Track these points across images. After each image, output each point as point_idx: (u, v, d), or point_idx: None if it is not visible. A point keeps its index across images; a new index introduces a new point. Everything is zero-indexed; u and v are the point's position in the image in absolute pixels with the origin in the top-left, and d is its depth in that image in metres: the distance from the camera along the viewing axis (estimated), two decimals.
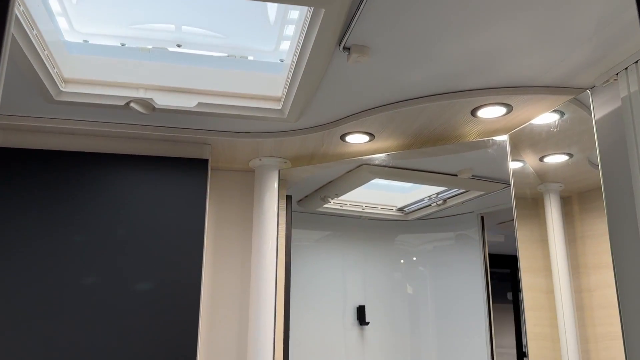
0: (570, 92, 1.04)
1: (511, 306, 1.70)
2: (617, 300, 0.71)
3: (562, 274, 1.25)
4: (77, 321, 1.11)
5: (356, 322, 1.64)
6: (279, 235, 1.34)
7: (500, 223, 1.57)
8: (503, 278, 1.66)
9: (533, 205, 1.26)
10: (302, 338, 1.55)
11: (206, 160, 1.23)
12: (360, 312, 1.64)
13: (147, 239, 1.17)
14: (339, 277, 1.67)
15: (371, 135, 1.20)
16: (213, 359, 1.32)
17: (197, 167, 1.22)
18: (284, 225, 1.38)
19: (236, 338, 1.35)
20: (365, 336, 1.64)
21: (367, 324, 1.63)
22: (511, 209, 1.23)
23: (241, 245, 1.40)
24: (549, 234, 1.24)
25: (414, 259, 1.75)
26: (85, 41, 1.02)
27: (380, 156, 1.29)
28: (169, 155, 1.22)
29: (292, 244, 1.41)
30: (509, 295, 1.69)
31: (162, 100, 1.05)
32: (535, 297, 1.27)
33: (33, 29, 0.86)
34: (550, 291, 1.29)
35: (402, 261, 1.76)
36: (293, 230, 1.42)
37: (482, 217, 1.58)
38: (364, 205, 1.66)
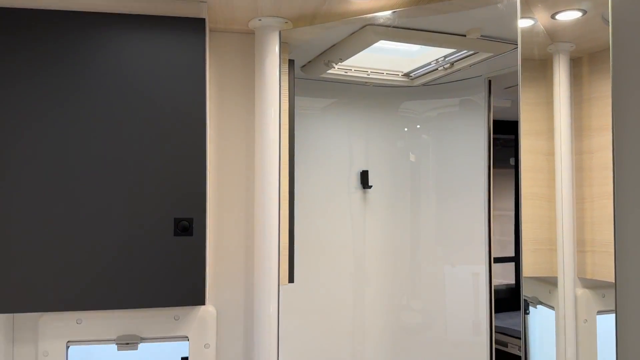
0: None
1: (513, 171, 1.71)
2: (612, 155, 0.71)
3: (565, 136, 1.24)
4: (77, 193, 1.15)
5: (360, 185, 1.68)
6: (282, 101, 1.33)
7: (508, 87, 1.54)
8: (507, 144, 1.66)
9: (541, 66, 1.22)
10: (308, 200, 1.61)
11: (203, 20, 1.19)
12: (364, 176, 1.68)
13: (146, 103, 1.17)
14: (344, 145, 1.69)
15: None
16: (221, 219, 1.39)
17: (194, 26, 1.18)
18: (287, 90, 1.37)
19: (244, 200, 1.41)
20: (368, 199, 1.70)
21: (370, 187, 1.68)
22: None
23: (245, 110, 1.40)
24: (555, 96, 1.22)
25: (418, 126, 1.75)
26: None
27: (385, 14, 1.23)
28: (164, 14, 1.18)
29: (298, 113, 1.41)
30: (512, 161, 1.71)
31: None
32: (534, 159, 1.28)
33: None
34: (550, 153, 1.29)
35: (405, 129, 1.76)
36: (298, 98, 1.41)
37: (489, 82, 1.54)
38: (369, 71, 1.62)
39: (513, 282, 1.70)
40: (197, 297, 1.17)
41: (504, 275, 1.69)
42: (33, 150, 1.12)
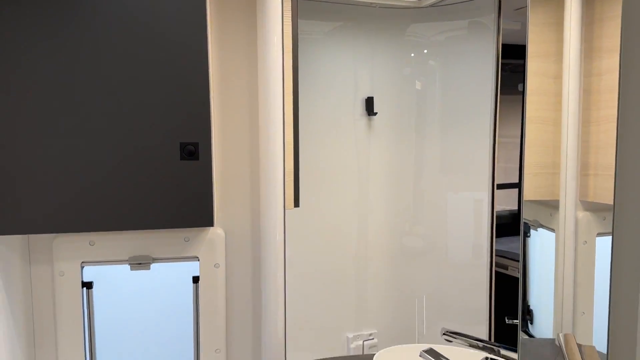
0: None
1: (520, 97, 1.69)
2: (619, 76, 0.70)
3: (574, 57, 1.22)
4: (88, 119, 1.15)
5: (364, 112, 1.68)
6: (284, 23, 1.30)
7: (518, 9, 1.50)
8: (515, 69, 1.63)
9: None
10: (313, 127, 1.61)
11: None
12: (369, 103, 1.67)
13: (149, 28, 1.15)
14: (349, 70, 1.67)
15: None
16: (227, 144, 1.40)
17: None
18: (290, 12, 1.34)
19: (249, 126, 1.41)
20: (373, 126, 1.70)
21: (375, 114, 1.67)
22: None
23: (247, 35, 1.38)
24: (565, 17, 1.19)
25: (425, 51, 1.72)
26: None
27: None
28: None
29: (301, 37, 1.38)
30: (520, 87, 1.68)
31: None
32: (541, 82, 1.26)
33: None
34: (558, 76, 1.27)
35: (412, 55, 1.72)
36: (301, 22, 1.38)
37: (499, 2, 1.50)
38: None
39: (515, 207, 1.72)
40: (205, 219, 1.20)
41: (507, 202, 1.72)
42: (45, 76, 1.12)
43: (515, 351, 1.12)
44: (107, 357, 1.39)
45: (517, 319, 1.19)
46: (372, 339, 1.75)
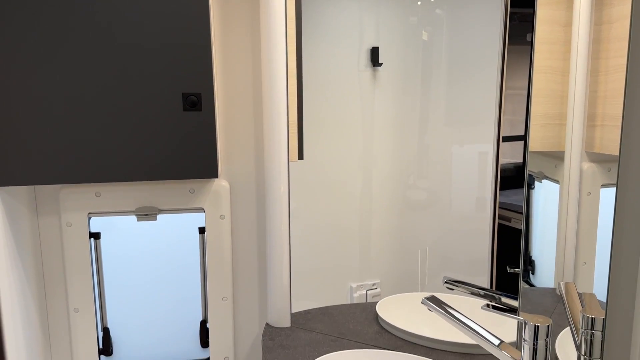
0: None
1: (529, 48, 1.66)
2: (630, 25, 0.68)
3: (584, 4, 1.19)
4: (92, 70, 1.14)
5: (369, 63, 1.65)
6: None
7: None
8: (524, 18, 1.59)
9: None
10: (316, 78, 1.59)
11: None
12: (374, 53, 1.64)
13: None
14: (354, 19, 1.63)
15: None
16: (229, 95, 1.39)
17: None
18: None
19: (251, 76, 1.39)
20: (378, 77, 1.68)
21: (380, 65, 1.65)
22: None
23: None
24: None
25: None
26: None
27: None
28: None
29: None
30: (528, 37, 1.64)
31: None
32: (550, 30, 1.23)
33: None
34: (568, 24, 1.24)
35: (419, 3, 1.68)
36: None
37: None
38: None
39: (520, 160, 1.72)
40: (209, 170, 1.20)
41: (513, 155, 1.71)
42: (47, 24, 1.10)
43: (516, 299, 1.14)
44: (116, 304, 1.43)
45: (518, 268, 1.21)
46: (375, 288, 1.79)
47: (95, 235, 1.37)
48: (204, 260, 1.44)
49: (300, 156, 1.42)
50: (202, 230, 1.42)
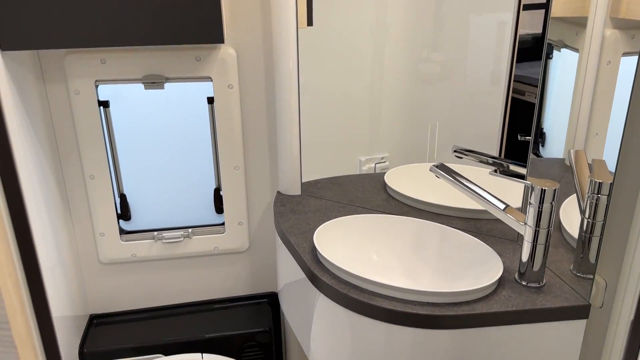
0: None
1: None
2: None
3: None
4: None
5: None
6: None
7: None
8: None
9: None
10: None
11: None
12: None
13: None
14: None
15: None
16: None
17: None
18: None
19: None
20: None
21: None
22: None
23: None
24: None
25: None
26: None
27: None
28: None
29: None
30: None
31: None
32: None
33: None
34: None
35: None
36: None
37: None
38: None
39: (540, 31, 1.64)
40: (214, 34, 1.16)
41: (532, 25, 1.63)
42: None
43: (524, 167, 1.15)
44: (131, 172, 1.46)
45: (529, 136, 1.20)
46: (384, 162, 1.81)
47: (104, 104, 1.36)
48: (214, 130, 1.44)
49: (310, 22, 1.36)
50: (210, 100, 1.41)
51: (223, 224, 1.52)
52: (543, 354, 0.96)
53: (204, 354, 1.42)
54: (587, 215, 0.96)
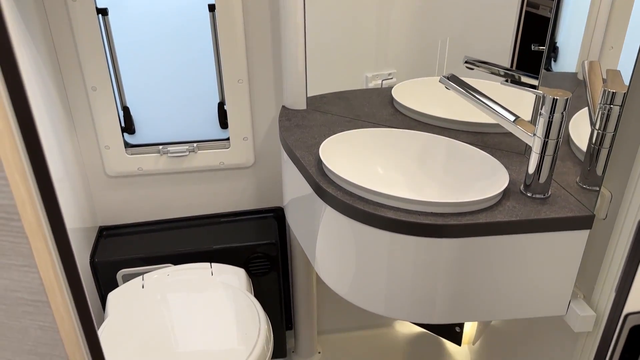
0: None
1: None
2: None
3: None
4: None
5: None
6: None
7: None
8: None
9: None
10: None
11: None
12: None
13: None
14: None
15: None
16: None
17: None
18: None
19: None
20: None
21: None
22: None
23: None
24: None
25: None
26: None
27: None
28: None
29: None
30: None
31: None
32: None
33: None
34: None
35: None
36: None
37: None
38: None
39: None
40: None
41: None
42: None
43: (536, 78, 1.12)
44: (133, 84, 1.44)
45: (543, 46, 1.16)
46: (391, 78, 1.77)
47: (103, 12, 1.32)
48: (216, 41, 1.40)
49: None
50: (212, 8, 1.36)
51: (228, 139, 1.51)
52: (544, 263, 0.98)
53: (212, 264, 1.46)
54: (597, 127, 0.95)
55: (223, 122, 1.52)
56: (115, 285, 1.47)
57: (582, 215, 0.95)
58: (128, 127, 1.47)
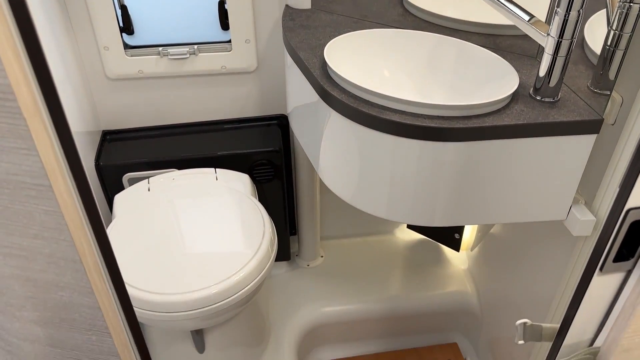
0: None
1: None
2: None
3: None
4: None
5: None
6: None
7: None
8: None
9: None
10: None
11: None
12: None
13: None
14: None
15: None
16: None
17: None
18: None
19: None
20: None
21: None
22: None
23: None
24: None
25: None
26: None
27: None
28: None
29: None
30: None
31: None
32: None
33: None
34: None
35: None
36: None
37: None
38: None
39: None
40: None
41: None
42: None
43: None
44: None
45: None
46: None
47: None
48: None
49: None
50: None
51: (229, 41, 1.47)
52: (549, 168, 0.98)
53: (217, 169, 1.47)
54: (614, 27, 0.90)
55: (224, 23, 1.46)
56: (121, 188, 1.48)
57: (591, 120, 0.93)
58: (127, 27, 1.42)
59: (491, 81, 1.05)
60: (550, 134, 0.93)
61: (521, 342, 0.67)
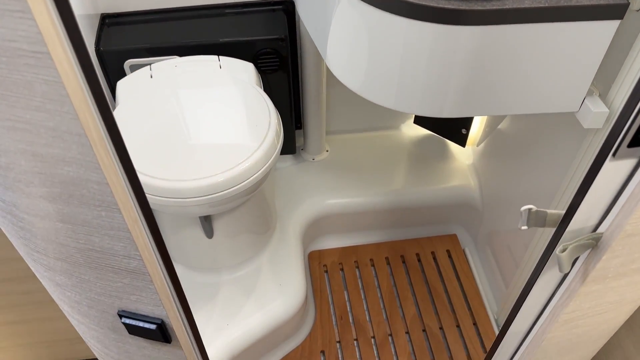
0: None
1: None
2: None
3: None
4: None
5: None
6: None
7: None
8: None
9: None
10: None
11: None
12: None
13: None
14: None
15: None
16: None
17: None
18: None
19: None
20: None
21: None
22: None
23: None
24: None
25: None
26: None
27: None
28: None
29: None
30: None
31: None
32: None
33: None
34: None
35: None
36: None
37: None
38: None
39: None
40: None
41: None
42: None
43: None
44: None
45: None
46: None
47: None
48: None
49: None
50: None
51: None
52: (566, 56, 0.94)
53: (220, 57, 1.42)
54: None
55: None
56: (123, 75, 1.45)
57: (615, 4, 0.88)
58: None
59: None
60: (572, 19, 0.88)
61: (524, 227, 0.67)
